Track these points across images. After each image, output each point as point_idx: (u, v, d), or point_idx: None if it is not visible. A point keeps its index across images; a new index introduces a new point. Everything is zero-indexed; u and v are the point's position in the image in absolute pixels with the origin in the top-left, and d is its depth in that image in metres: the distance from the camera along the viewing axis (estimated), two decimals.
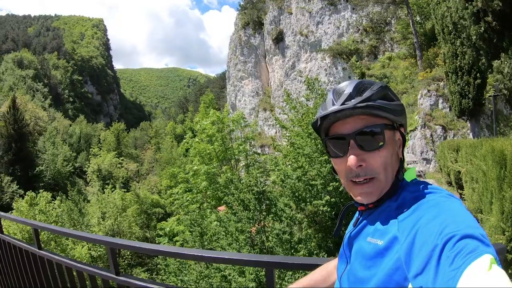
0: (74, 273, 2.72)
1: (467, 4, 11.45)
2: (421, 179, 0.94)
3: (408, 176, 0.99)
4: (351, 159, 0.93)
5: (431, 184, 0.93)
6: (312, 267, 1.57)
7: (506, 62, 10.57)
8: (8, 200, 28.73)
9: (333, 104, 0.97)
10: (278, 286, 8.06)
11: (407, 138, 1.02)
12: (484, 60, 11.95)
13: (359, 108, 0.92)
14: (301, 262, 1.79)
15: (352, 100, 0.94)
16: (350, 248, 1.01)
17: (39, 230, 3.03)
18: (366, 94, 0.94)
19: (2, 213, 3.74)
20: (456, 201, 0.84)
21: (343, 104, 0.94)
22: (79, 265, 2.61)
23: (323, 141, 1.03)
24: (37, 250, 2.92)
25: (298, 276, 8.77)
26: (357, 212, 1.08)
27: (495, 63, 10.95)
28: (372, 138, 0.93)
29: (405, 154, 1.00)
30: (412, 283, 0.73)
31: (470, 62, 13.97)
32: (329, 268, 1.34)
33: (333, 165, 1.05)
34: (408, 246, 0.76)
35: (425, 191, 0.89)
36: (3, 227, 3.61)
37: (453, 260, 0.65)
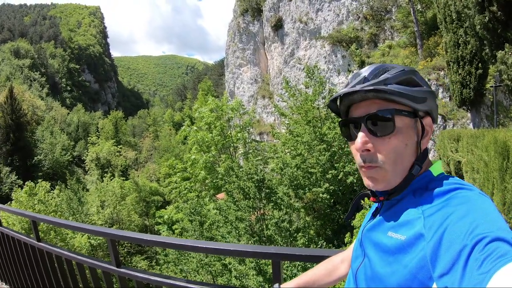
0: (74, 263, 2.68)
1: None
2: None
3: (435, 170, 0.93)
4: (357, 143, 0.91)
5: (460, 180, 0.88)
6: (320, 258, 1.54)
7: (510, 53, 10.50)
8: (7, 190, 28.76)
9: (346, 87, 0.95)
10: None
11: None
12: (487, 50, 11.84)
13: (369, 91, 0.89)
14: (309, 253, 1.77)
15: (365, 83, 0.91)
16: (368, 242, 0.96)
17: (37, 222, 2.98)
18: (382, 77, 0.90)
19: (0, 205, 3.69)
20: (488, 199, 0.79)
21: (353, 87, 0.92)
22: (79, 257, 2.57)
23: (339, 124, 1.02)
24: (36, 242, 2.89)
25: (298, 264, 8.82)
26: (375, 205, 1.05)
27: (499, 54, 10.86)
28: (382, 124, 0.89)
29: (425, 146, 0.94)
30: (436, 283, 0.70)
31: (473, 51, 13.82)
32: (335, 261, 1.30)
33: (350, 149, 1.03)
34: (435, 244, 0.73)
35: (455, 186, 0.83)
36: (1, 218, 3.57)
37: (482, 264, 0.62)
